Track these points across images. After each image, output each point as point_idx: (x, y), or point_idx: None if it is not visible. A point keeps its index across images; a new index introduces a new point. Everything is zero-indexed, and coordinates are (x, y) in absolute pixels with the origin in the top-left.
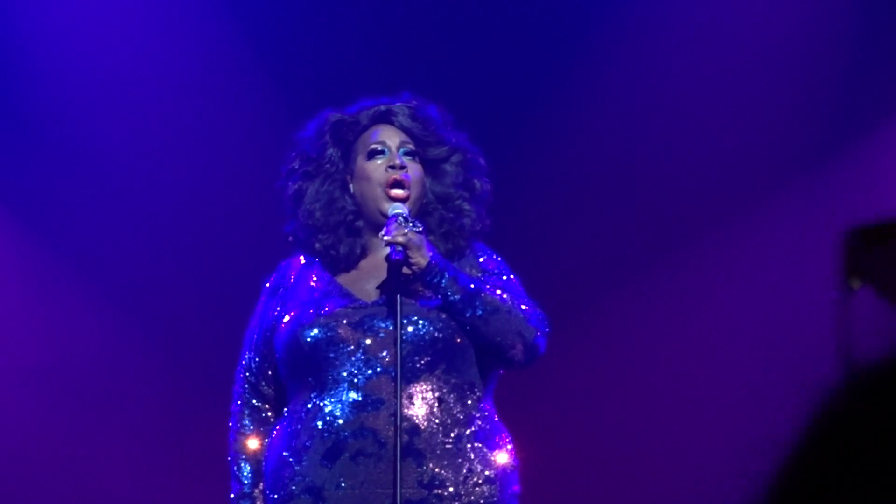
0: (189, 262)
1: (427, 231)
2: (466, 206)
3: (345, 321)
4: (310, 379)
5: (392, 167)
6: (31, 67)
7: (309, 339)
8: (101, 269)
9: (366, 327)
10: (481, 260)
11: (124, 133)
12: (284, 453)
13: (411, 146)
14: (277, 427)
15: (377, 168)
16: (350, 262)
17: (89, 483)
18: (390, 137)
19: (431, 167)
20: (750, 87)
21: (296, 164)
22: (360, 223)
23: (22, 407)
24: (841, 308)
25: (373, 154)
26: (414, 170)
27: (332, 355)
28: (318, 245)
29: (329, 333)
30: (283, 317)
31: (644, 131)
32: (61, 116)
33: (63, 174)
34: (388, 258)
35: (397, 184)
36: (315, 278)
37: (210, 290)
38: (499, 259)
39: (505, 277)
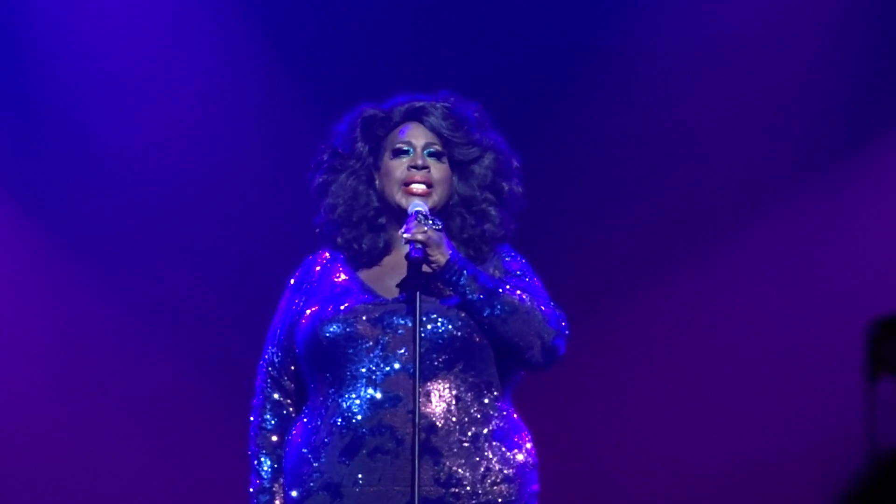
0: (209, 259)
1: (449, 237)
2: (491, 211)
3: (364, 317)
4: (328, 375)
5: (414, 167)
6: (56, 70)
7: (328, 335)
8: (119, 266)
9: (385, 324)
10: (506, 260)
11: (145, 131)
12: (304, 450)
13: (438, 146)
14: (297, 423)
15: (400, 166)
16: (372, 258)
17: (104, 478)
18: (417, 137)
19: (460, 168)
20: (771, 89)
21: (324, 157)
22: (382, 219)
23: (35, 404)
24: (866, 395)
25: (398, 153)
26: (438, 170)
27: (350, 351)
28: (340, 239)
29: (348, 329)
30: (305, 312)
31: (660, 136)
32: (79, 115)
33: (83, 173)
34: (407, 256)
35: (416, 184)
36: (338, 274)
37: (229, 287)
38: (523, 261)
39: (527, 279)
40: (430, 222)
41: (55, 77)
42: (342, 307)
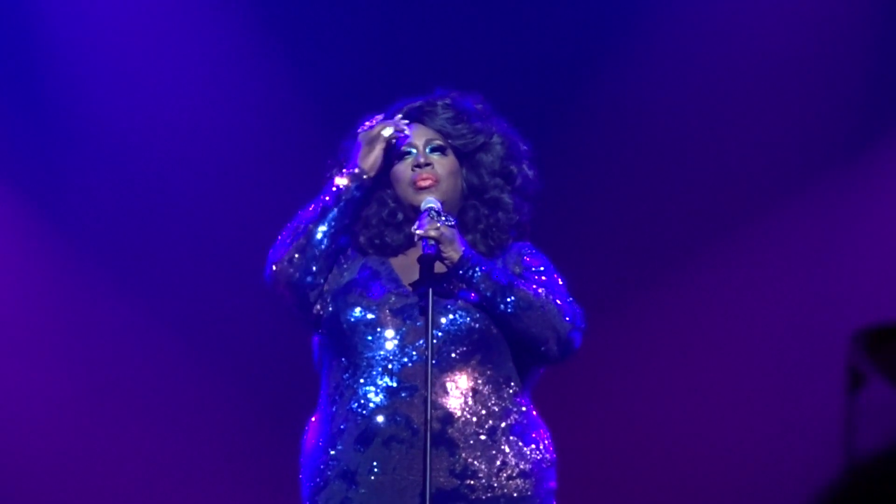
0: (217, 261)
1: (465, 231)
2: (504, 197)
3: (387, 307)
4: (343, 360)
5: (417, 166)
6: (68, 73)
7: (351, 319)
8: (125, 267)
9: (405, 315)
10: (526, 258)
11: (152, 134)
12: (320, 441)
13: (439, 141)
14: (313, 418)
15: (406, 168)
16: (396, 249)
17: (107, 478)
18: (418, 137)
19: (468, 160)
20: (777, 91)
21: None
22: (400, 216)
23: (40, 403)
24: (848, 401)
25: (402, 155)
26: (442, 165)
27: (369, 338)
28: (362, 238)
29: (370, 316)
30: (331, 293)
31: (667, 138)
32: (87, 116)
33: (89, 173)
34: (419, 258)
35: (422, 181)
36: (366, 260)
37: (236, 289)
38: (543, 258)
39: (545, 278)
40: (443, 219)
41: (65, 77)
42: (367, 294)
